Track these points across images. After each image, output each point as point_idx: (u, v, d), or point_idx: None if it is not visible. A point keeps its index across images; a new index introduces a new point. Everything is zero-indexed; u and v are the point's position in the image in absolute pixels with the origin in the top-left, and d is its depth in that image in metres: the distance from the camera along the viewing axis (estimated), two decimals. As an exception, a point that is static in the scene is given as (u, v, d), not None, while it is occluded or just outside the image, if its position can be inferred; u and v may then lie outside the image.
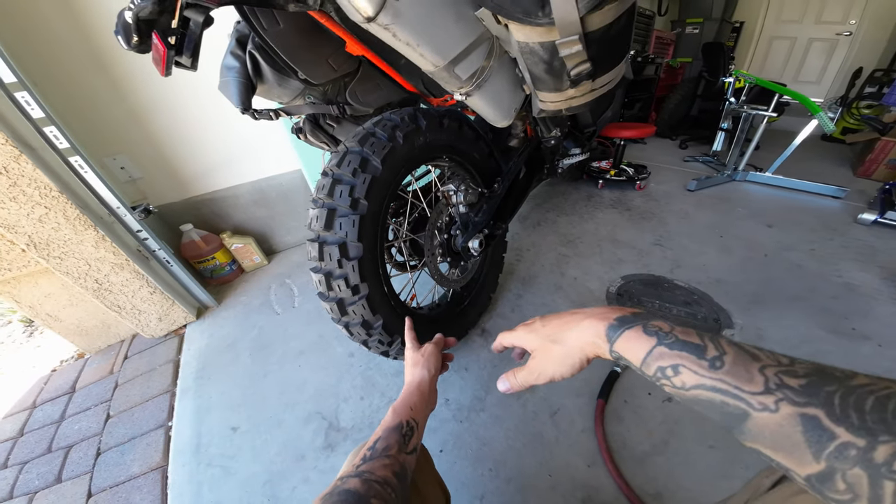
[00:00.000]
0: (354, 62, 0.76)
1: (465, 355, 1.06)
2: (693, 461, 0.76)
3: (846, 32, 3.73)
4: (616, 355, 0.30)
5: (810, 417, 0.20)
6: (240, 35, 0.72)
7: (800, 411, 0.20)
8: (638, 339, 0.28)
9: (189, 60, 0.58)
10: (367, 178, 0.63)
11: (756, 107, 2.02)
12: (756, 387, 0.22)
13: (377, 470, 0.35)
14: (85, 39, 1.06)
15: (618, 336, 0.30)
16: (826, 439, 0.19)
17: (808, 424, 0.20)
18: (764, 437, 0.22)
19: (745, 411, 0.22)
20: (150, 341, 1.29)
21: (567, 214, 1.83)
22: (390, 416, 0.44)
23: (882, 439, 0.18)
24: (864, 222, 1.60)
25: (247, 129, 1.39)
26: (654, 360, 0.27)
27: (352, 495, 0.31)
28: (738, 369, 0.23)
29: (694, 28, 3.37)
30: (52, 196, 0.94)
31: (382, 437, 0.40)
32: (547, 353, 0.36)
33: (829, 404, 0.20)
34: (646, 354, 0.27)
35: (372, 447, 0.39)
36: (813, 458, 0.20)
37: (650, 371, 0.27)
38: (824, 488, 0.19)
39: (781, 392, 0.21)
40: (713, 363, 0.24)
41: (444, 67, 0.55)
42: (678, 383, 0.25)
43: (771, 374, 0.22)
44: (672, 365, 0.26)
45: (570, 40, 0.46)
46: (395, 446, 0.39)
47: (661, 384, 0.27)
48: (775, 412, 0.21)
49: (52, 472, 0.92)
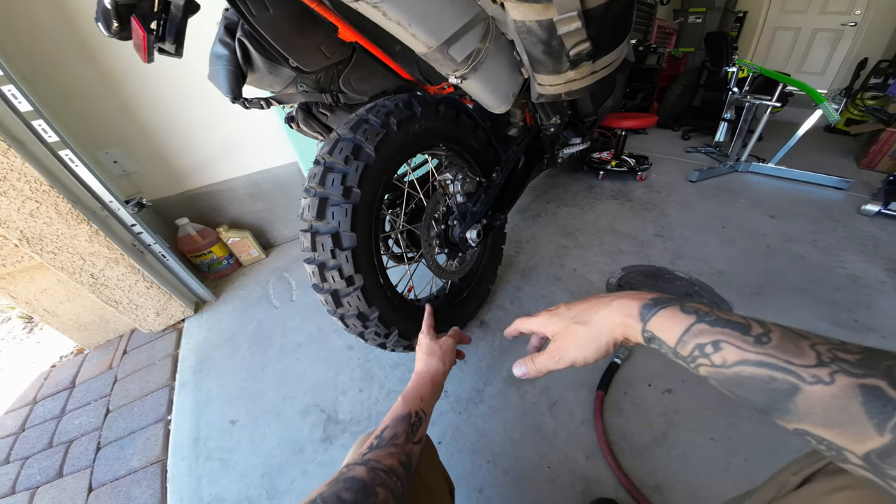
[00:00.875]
0: (348, 49, 0.74)
1: (464, 347, 1.05)
2: (693, 453, 0.76)
3: (851, 23, 3.66)
4: (649, 335, 0.28)
5: (871, 388, 0.18)
6: (228, 22, 0.70)
7: (859, 382, 0.19)
8: (675, 318, 0.26)
9: (172, 46, 0.56)
10: (360, 165, 0.61)
11: (759, 97, 1.98)
12: (808, 360, 0.21)
13: (383, 459, 0.35)
14: (73, 32, 1.04)
15: (652, 315, 0.28)
16: (892, 409, 0.18)
17: (868, 395, 0.18)
18: (814, 414, 0.20)
19: (794, 385, 0.21)
20: (148, 336, 1.29)
21: (567, 205, 1.81)
22: (400, 404, 0.43)
23: None
24: (868, 213, 1.58)
25: (241, 121, 1.37)
26: (693, 337, 0.25)
27: (357, 482, 0.31)
28: (786, 345, 0.22)
29: (697, 17, 3.31)
30: (43, 190, 0.93)
31: (390, 426, 0.40)
32: (570, 336, 0.34)
33: (890, 375, 0.18)
34: (683, 332, 0.25)
35: (379, 436, 0.39)
36: (875, 430, 0.18)
37: (686, 350, 0.25)
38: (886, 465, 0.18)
39: (836, 365, 0.20)
40: (759, 339, 0.23)
41: (437, 49, 0.53)
42: (718, 360, 0.24)
43: (823, 349, 0.21)
44: (713, 341, 0.24)
45: (569, 17, 0.44)
46: (403, 435, 0.39)
47: (698, 364, 0.25)
48: (830, 384, 0.19)
49: (54, 466, 0.92)
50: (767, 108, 1.96)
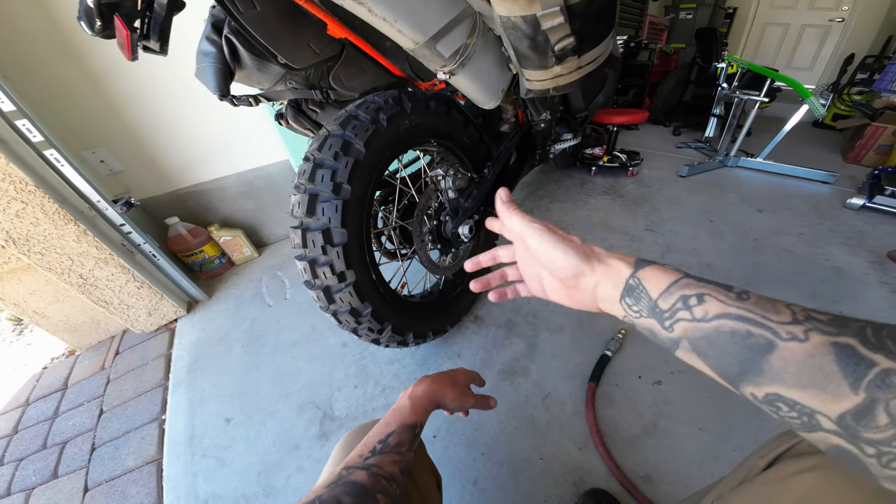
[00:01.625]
0: (337, 45, 0.74)
1: (458, 342, 1.07)
2: (683, 443, 0.77)
3: (839, 19, 3.72)
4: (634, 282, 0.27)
5: (844, 346, 0.18)
6: (215, 20, 0.69)
7: (832, 340, 0.19)
8: (664, 272, 0.27)
9: (157, 44, 0.55)
10: (350, 161, 0.61)
11: (748, 92, 2.01)
12: (784, 317, 0.21)
13: (386, 465, 0.34)
14: (56, 31, 1.02)
15: (644, 266, 0.28)
16: (865, 367, 0.17)
17: (842, 353, 0.18)
18: (788, 373, 0.20)
19: (770, 341, 0.20)
20: (140, 336, 1.28)
21: (560, 201, 1.83)
22: (408, 411, 0.42)
23: None
24: (853, 207, 1.61)
25: (230, 119, 1.36)
26: (679, 288, 0.25)
27: (357, 488, 0.31)
28: (764, 303, 0.22)
29: (687, 13, 3.33)
30: (29, 191, 0.92)
31: (397, 433, 0.39)
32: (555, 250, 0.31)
33: (861, 334, 0.18)
34: (671, 283, 0.26)
35: (384, 441, 0.37)
36: (850, 388, 0.18)
37: (668, 302, 0.25)
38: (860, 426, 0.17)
39: (810, 323, 0.20)
40: (740, 296, 0.23)
41: (424, 44, 0.53)
42: (699, 313, 0.24)
43: (797, 309, 0.21)
44: (698, 294, 0.24)
45: (552, 12, 0.45)
46: (407, 444, 0.38)
47: (678, 318, 0.25)
48: (805, 341, 0.19)
49: (49, 467, 0.92)
50: (756, 103, 1.99)
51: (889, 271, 1.24)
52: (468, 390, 0.50)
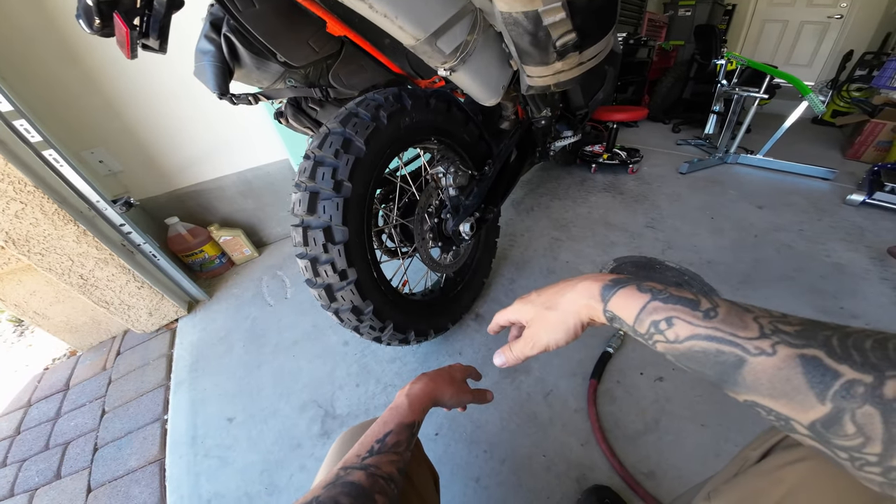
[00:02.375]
0: (337, 43, 0.73)
1: (460, 339, 1.07)
2: (684, 439, 0.77)
3: (837, 15, 3.72)
4: (610, 315, 0.29)
5: (810, 358, 0.19)
6: (214, 18, 0.69)
7: (798, 352, 0.19)
8: (632, 297, 0.28)
9: (156, 42, 0.55)
10: (351, 159, 0.61)
11: (747, 89, 2.00)
12: (751, 332, 0.22)
13: (384, 466, 0.34)
14: (54, 30, 1.02)
15: (612, 294, 0.29)
16: (830, 378, 0.18)
17: (808, 365, 0.19)
18: (761, 385, 0.20)
19: (740, 357, 0.21)
20: (141, 336, 1.28)
21: (560, 199, 1.83)
22: (406, 410, 0.41)
23: (889, 374, 0.17)
24: (853, 203, 1.62)
25: (230, 118, 1.35)
26: (648, 314, 0.26)
27: (356, 488, 0.30)
28: (732, 318, 0.23)
29: (686, 10, 3.32)
30: (28, 191, 0.91)
31: (395, 432, 0.38)
32: (542, 321, 0.35)
33: (828, 345, 0.19)
34: (639, 310, 0.27)
35: (382, 440, 0.37)
36: (817, 399, 0.18)
37: (643, 327, 0.26)
38: (831, 434, 0.18)
39: (777, 336, 0.21)
40: (707, 314, 0.24)
41: (425, 41, 0.53)
42: (672, 336, 0.25)
43: (765, 322, 0.22)
44: (666, 318, 0.25)
45: (553, 7, 0.45)
46: (405, 443, 0.38)
47: (655, 341, 0.26)
48: (772, 355, 0.20)
49: (52, 468, 0.92)
50: (755, 100, 1.98)
51: (889, 267, 1.24)
52: (465, 386, 0.51)
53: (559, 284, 0.35)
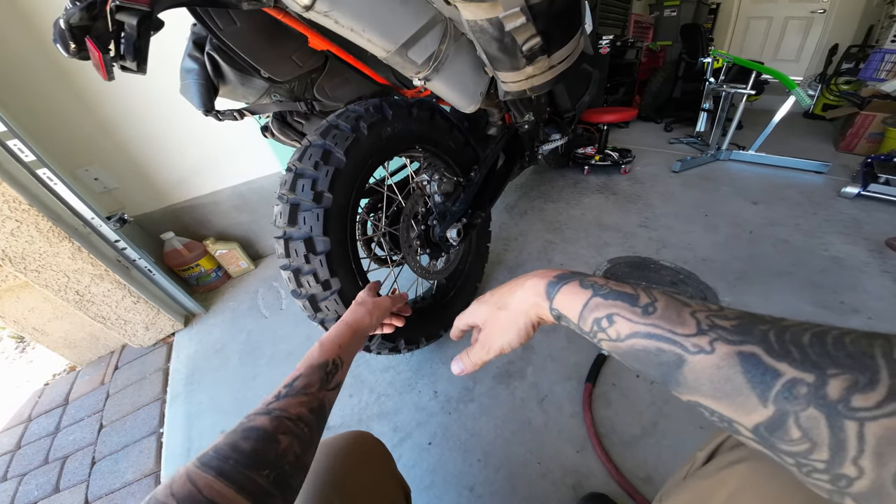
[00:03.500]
0: (320, 57, 0.75)
1: (453, 346, 1.06)
2: (682, 443, 0.76)
3: (820, 10, 3.75)
4: (556, 313, 0.29)
5: (748, 355, 0.18)
6: (196, 37, 0.71)
7: (737, 349, 0.19)
8: (574, 293, 0.27)
9: (133, 64, 0.56)
10: (330, 170, 0.62)
11: (735, 85, 2.02)
12: (689, 329, 0.21)
13: (291, 408, 0.32)
14: (45, 52, 1.04)
15: (556, 292, 0.29)
16: (770, 377, 0.17)
17: (747, 363, 0.18)
18: (702, 385, 0.19)
19: (680, 356, 0.20)
20: (139, 351, 1.29)
21: (554, 201, 1.83)
22: (316, 351, 0.40)
23: (831, 372, 0.16)
24: (848, 196, 1.61)
25: (222, 133, 1.37)
26: (590, 311, 0.25)
27: (256, 431, 0.29)
28: (670, 313, 0.22)
29: (671, 10, 3.36)
30: (23, 209, 0.93)
31: (304, 375, 0.36)
32: (495, 323, 0.34)
33: (765, 341, 0.18)
34: (582, 307, 0.26)
35: (289, 384, 0.35)
36: (759, 400, 0.17)
37: (587, 325, 0.26)
38: (775, 439, 0.17)
39: (715, 332, 0.20)
40: (646, 309, 0.23)
41: (395, 52, 0.54)
42: (613, 334, 0.24)
43: (702, 317, 0.21)
44: (607, 315, 0.24)
45: (513, 13, 0.46)
46: (317, 384, 0.36)
47: (599, 339, 0.25)
48: (711, 353, 0.19)
49: (50, 482, 0.93)
50: (744, 96, 1.99)
51: (889, 259, 1.22)
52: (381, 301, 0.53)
53: (511, 283, 0.35)
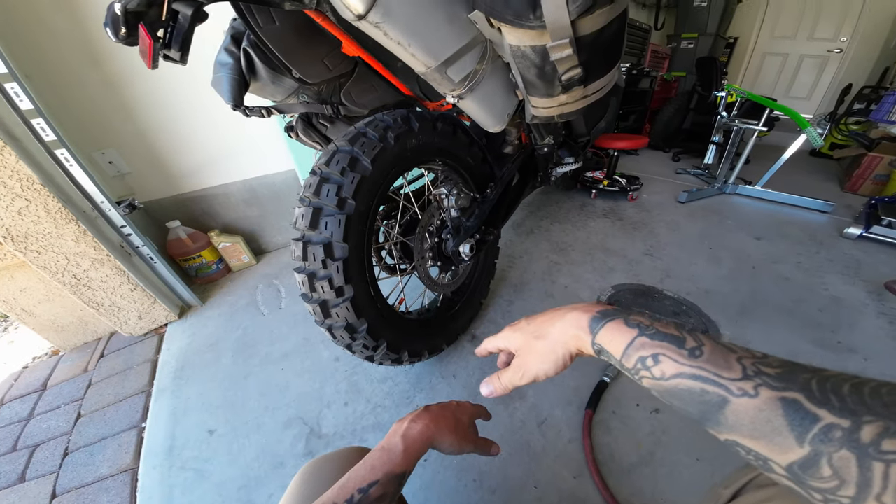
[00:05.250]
0: (350, 63, 0.76)
1: (454, 361, 1.05)
2: (679, 473, 0.75)
3: (837, 49, 3.80)
4: (598, 347, 0.29)
5: (791, 401, 0.20)
6: (235, 32, 0.72)
7: (780, 395, 0.20)
8: (619, 331, 0.28)
9: (178, 54, 0.57)
10: (356, 177, 0.62)
11: (747, 121, 2.06)
12: (735, 373, 0.22)
13: None
14: (79, 33, 1.05)
15: (600, 328, 0.29)
16: (809, 422, 0.19)
17: (788, 408, 0.20)
18: (743, 425, 0.21)
19: (724, 398, 0.22)
20: (128, 339, 1.26)
21: (560, 223, 1.84)
22: (399, 459, 0.36)
23: (866, 419, 0.17)
24: (850, 236, 1.63)
25: (240, 127, 1.38)
26: (635, 350, 0.26)
27: None
28: (716, 358, 0.23)
29: (689, 43, 3.45)
30: (34, 189, 0.92)
31: (381, 484, 0.33)
32: (531, 351, 0.34)
33: (807, 389, 0.20)
34: (627, 345, 0.27)
35: (365, 491, 0.32)
36: (796, 442, 0.19)
37: (630, 363, 0.27)
38: (807, 476, 0.18)
39: (760, 378, 0.21)
40: (692, 352, 0.24)
41: (435, 69, 0.54)
42: (658, 373, 0.25)
43: (748, 363, 0.22)
44: (653, 354, 0.25)
45: (561, 44, 0.46)
46: (390, 496, 0.34)
47: (641, 376, 0.26)
48: (755, 397, 0.21)
49: (16, 471, 0.88)
50: (754, 132, 2.03)
51: (886, 301, 1.24)
52: (470, 433, 0.44)
53: (549, 313, 0.35)
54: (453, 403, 0.46)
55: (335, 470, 0.40)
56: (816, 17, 3.82)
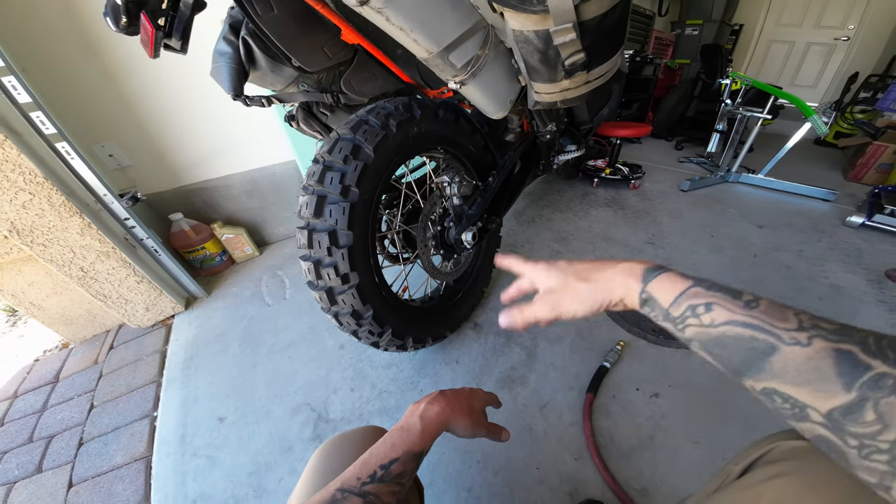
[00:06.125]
0: (350, 51, 0.75)
1: (457, 348, 1.06)
2: (678, 456, 0.77)
3: (844, 37, 3.74)
4: (646, 296, 0.30)
5: (845, 352, 0.20)
6: (233, 20, 0.71)
7: (834, 346, 0.20)
8: (673, 281, 0.28)
9: (179, 43, 0.57)
10: (359, 165, 0.62)
11: (751, 109, 2.03)
12: (790, 324, 0.22)
13: (384, 496, 0.32)
14: (77, 25, 1.04)
15: (654, 277, 0.30)
16: (861, 371, 0.19)
17: (841, 357, 0.20)
18: (787, 373, 0.21)
19: (773, 345, 0.22)
20: (136, 331, 1.28)
21: (562, 211, 1.84)
22: (417, 438, 0.37)
23: None
24: (853, 225, 1.63)
25: (240, 118, 1.37)
26: (688, 298, 0.27)
27: None
28: (772, 311, 0.24)
29: (693, 29, 3.38)
30: (37, 182, 0.92)
31: (401, 461, 0.34)
32: (567, 290, 0.34)
33: (863, 343, 0.20)
34: (679, 294, 0.27)
35: (386, 468, 0.34)
36: (843, 388, 0.19)
37: (679, 310, 0.27)
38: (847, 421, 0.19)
39: (815, 331, 0.22)
40: (748, 304, 0.25)
41: (438, 54, 0.54)
42: (707, 320, 0.25)
43: (804, 318, 0.23)
44: (706, 303, 0.26)
45: (565, 28, 0.46)
46: (409, 474, 0.35)
47: (687, 324, 0.27)
48: (807, 346, 0.21)
49: (33, 461, 0.91)
50: (759, 120, 2.01)
51: (886, 290, 1.24)
52: (482, 418, 0.46)
53: (597, 261, 0.35)
54: (466, 390, 0.47)
55: (354, 448, 0.42)
56: (824, 4, 3.73)
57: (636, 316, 1.14)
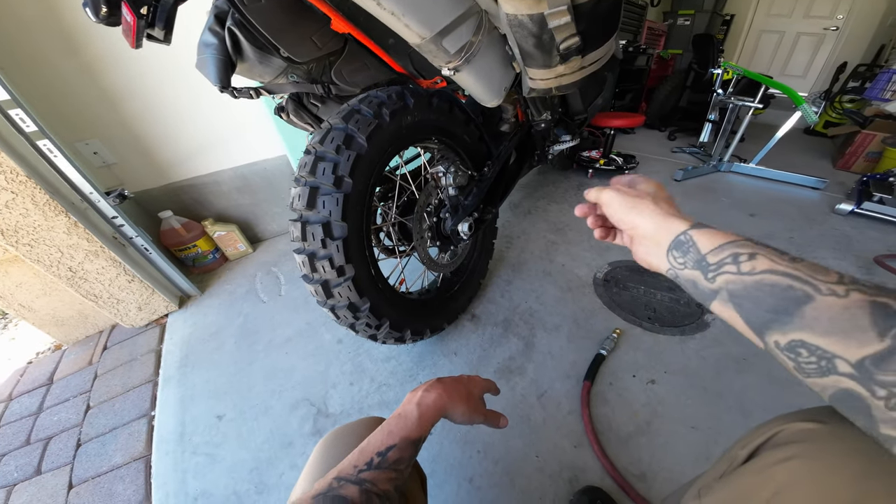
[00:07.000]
0: (340, 40, 0.73)
1: (455, 340, 1.07)
2: (675, 442, 0.78)
3: (833, 27, 3.77)
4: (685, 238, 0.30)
5: (882, 304, 0.20)
6: (219, 11, 0.68)
7: (870, 298, 0.21)
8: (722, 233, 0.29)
9: (162, 33, 0.55)
10: (352, 155, 0.61)
11: (743, 98, 2.04)
12: (829, 277, 0.23)
13: (380, 482, 0.32)
14: (52, 21, 1.00)
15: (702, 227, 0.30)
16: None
17: (877, 308, 0.20)
18: (819, 322, 0.21)
19: (809, 294, 0.22)
20: (130, 331, 1.26)
21: (557, 202, 1.84)
22: (415, 424, 0.37)
23: None
24: (842, 212, 1.65)
25: (228, 112, 1.34)
26: (732, 247, 0.27)
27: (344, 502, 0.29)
28: (815, 266, 0.24)
29: (685, 20, 3.38)
30: (20, 181, 0.89)
31: (398, 448, 0.35)
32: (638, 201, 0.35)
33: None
34: (725, 242, 0.27)
35: (383, 454, 0.34)
36: (877, 336, 0.19)
37: (717, 256, 0.27)
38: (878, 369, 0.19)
39: (854, 285, 0.22)
40: (793, 259, 0.25)
41: (430, 40, 0.53)
42: (747, 268, 0.25)
43: (846, 276, 0.23)
44: (750, 253, 0.26)
45: (559, 11, 0.45)
46: (406, 460, 0.35)
47: (721, 272, 0.27)
48: (843, 297, 0.21)
49: (32, 463, 0.90)
50: (750, 109, 2.02)
51: (875, 276, 1.27)
52: (480, 404, 0.45)
53: None
54: (464, 377, 0.46)
55: (354, 438, 0.41)
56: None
57: (632, 303, 1.15)
